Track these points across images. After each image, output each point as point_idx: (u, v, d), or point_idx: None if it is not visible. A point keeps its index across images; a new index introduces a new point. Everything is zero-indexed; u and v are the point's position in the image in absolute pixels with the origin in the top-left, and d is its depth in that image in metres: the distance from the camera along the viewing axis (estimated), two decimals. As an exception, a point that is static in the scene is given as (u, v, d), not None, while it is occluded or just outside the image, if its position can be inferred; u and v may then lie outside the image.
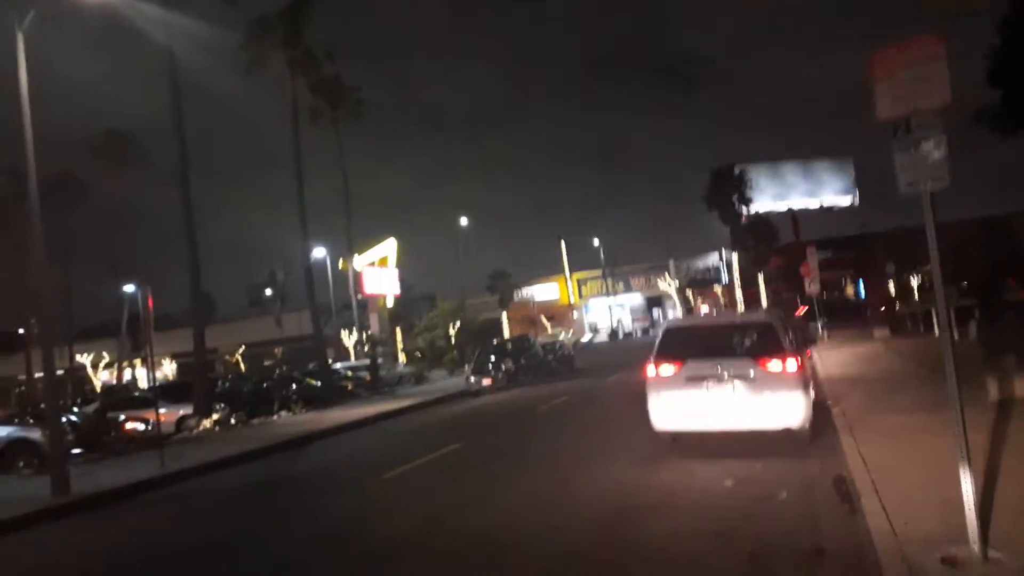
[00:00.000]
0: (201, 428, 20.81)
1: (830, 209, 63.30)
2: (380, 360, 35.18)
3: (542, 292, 72.94)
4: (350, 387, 30.10)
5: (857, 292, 58.02)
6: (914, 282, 52.16)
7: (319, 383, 28.72)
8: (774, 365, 9.19)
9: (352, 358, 43.26)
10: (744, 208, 54.35)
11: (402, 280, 41.53)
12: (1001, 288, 33.31)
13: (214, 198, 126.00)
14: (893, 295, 50.85)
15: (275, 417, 23.77)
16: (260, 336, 63.01)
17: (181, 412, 21.29)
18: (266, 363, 55.67)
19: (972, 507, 4.69)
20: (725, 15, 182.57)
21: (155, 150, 41.19)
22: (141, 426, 17.67)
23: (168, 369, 58.57)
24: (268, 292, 70.81)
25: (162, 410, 17.50)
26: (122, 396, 27.97)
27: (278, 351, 59.63)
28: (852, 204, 63.38)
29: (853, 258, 56.94)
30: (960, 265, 49.78)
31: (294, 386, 27.72)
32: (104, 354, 54.46)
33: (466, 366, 27.84)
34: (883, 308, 44.97)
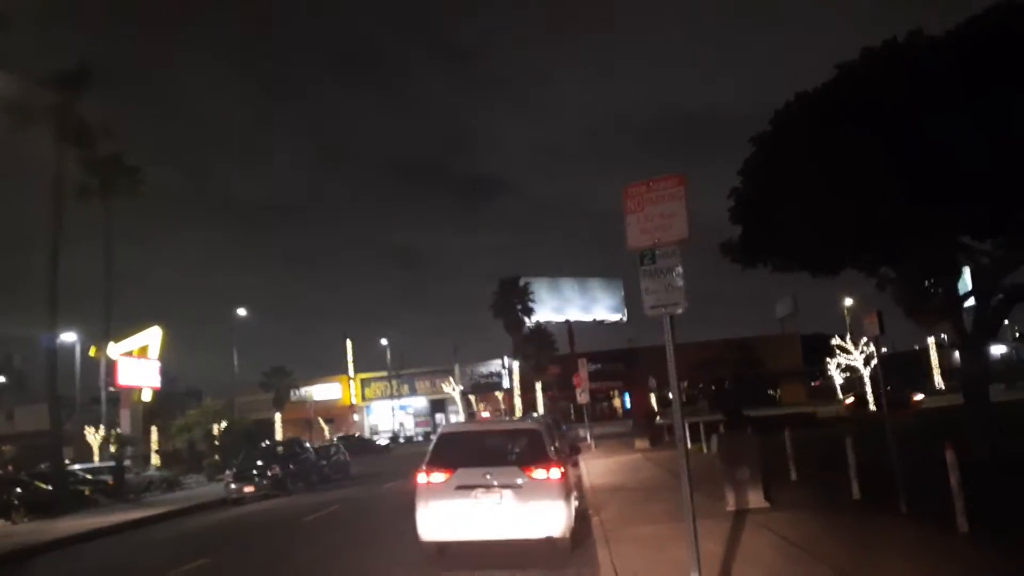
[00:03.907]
0: None
1: (602, 323, 68.16)
2: (128, 462, 31.53)
3: (323, 392, 70.27)
4: (88, 492, 26.53)
5: (624, 404, 61.90)
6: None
7: (50, 487, 25.06)
8: (539, 474, 9.32)
9: (96, 459, 38.44)
10: (526, 318, 57.01)
11: (165, 373, 38.09)
12: (743, 403, 37.10)
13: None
14: (655, 408, 54.78)
15: (-13, 527, 20.30)
16: (-14, 430, 54.68)
17: None
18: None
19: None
20: (522, 143, 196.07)
21: None
22: None
23: None
24: (1, 379, 61.93)
25: None
26: None
27: (7, 448, 51.71)
28: (621, 320, 68.76)
29: (622, 370, 61.04)
30: (709, 381, 55.17)
31: (18, 490, 23.95)
32: None
33: (227, 471, 25.68)
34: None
